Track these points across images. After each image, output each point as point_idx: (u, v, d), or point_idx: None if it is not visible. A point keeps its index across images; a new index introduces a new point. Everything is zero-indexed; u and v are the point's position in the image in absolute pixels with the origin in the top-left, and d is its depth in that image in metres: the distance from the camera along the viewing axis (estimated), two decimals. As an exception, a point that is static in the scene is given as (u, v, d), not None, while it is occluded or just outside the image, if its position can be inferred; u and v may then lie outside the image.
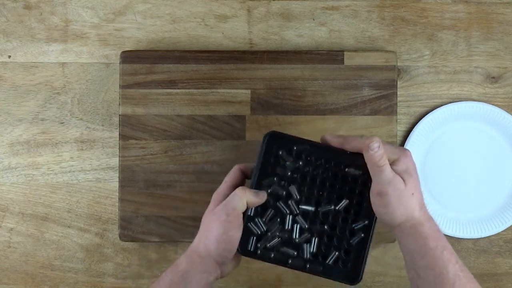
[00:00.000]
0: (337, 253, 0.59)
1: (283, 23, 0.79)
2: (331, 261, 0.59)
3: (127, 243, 0.77)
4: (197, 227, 0.74)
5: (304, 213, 0.59)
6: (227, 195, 0.58)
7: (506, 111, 0.77)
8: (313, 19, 0.79)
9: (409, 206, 0.56)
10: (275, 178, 0.60)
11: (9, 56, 0.78)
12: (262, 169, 0.60)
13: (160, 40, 0.79)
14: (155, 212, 0.75)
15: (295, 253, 0.59)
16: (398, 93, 0.76)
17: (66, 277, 0.78)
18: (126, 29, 0.79)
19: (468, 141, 0.78)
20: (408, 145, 0.76)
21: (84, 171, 0.78)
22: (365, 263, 0.59)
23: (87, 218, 0.78)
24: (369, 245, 0.59)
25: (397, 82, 0.76)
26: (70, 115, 0.78)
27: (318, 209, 0.59)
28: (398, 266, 0.77)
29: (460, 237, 0.77)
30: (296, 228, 0.59)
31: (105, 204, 0.78)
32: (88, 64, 0.79)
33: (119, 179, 0.75)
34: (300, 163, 0.60)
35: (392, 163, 0.56)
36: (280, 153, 0.60)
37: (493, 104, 0.77)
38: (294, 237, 0.59)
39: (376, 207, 0.57)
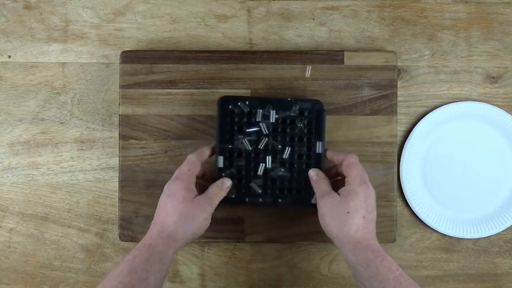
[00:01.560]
0: (295, 183, 0.70)
1: (283, 23, 0.79)
2: (294, 192, 0.70)
3: (127, 243, 0.77)
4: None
5: (267, 154, 0.70)
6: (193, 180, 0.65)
7: (506, 111, 0.77)
8: (313, 19, 0.79)
9: (345, 223, 0.61)
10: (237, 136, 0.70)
11: (9, 56, 0.79)
12: (222, 129, 0.69)
13: (160, 40, 0.79)
14: (155, 212, 0.75)
15: (261, 191, 0.70)
16: (398, 93, 0.76)
17: (66, 277, 0.78)
18: (126, 29, 0.79)
19: (468, 141, 0.78)
20: (408, 145, 0.76)
21: (84, 171, 0.78)
22: None
23: (87, 218, 0.78)
24: (323, 171, 0.70)
25: (397, 82, 0.76)
26: (70, 115, 0.78)
27: (277, 149, 0.70)
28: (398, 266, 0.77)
29: (460, 237, 0.77)
30: (261, 168, 0.70)
31: (105, 204, 0.78)
32: (88, 64, 0.79)
33: (119, 179, 0.75)
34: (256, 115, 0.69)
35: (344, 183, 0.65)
36: (235, 110, 0.69)
37: (493, 104, 0.77)
38: (260, 177, 0.70)
39: (319, 216, 0.63)
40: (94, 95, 0.78)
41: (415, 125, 0.77)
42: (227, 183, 0.67)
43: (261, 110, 0.69)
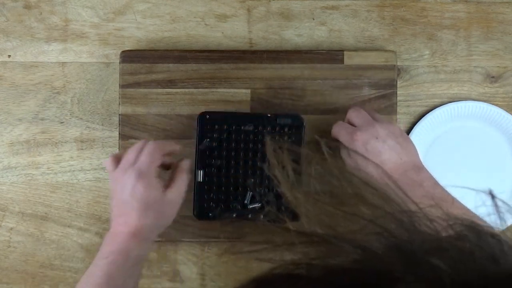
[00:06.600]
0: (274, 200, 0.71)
1: (283, 22, 0.79)
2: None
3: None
4: (197, 227, 0.75)
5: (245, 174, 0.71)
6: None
7: (506, 111, 0.77)
8: (313, 19, 0.79)
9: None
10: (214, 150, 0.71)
11: (9, 56, 0.78)
12: (200, 142, 0.71)
13: (160, 39, 0.79)
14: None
15: (239, 206, 0.71)
16: (398, 92, 0.76)
17: (66, 276, 0.78)
18: (126, 28, 0.79)
19: (468, 141, 0.78)
20: (408, 144, 0.77)
21: (84, 170, 0.78)
22: None
23: (87, 217, 0.78)
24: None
25: (397, 82, 0.76)
26: (70, 114, 0.78)
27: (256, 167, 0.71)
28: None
29: (460, 236, 0.77)
30: (248, 197, 0.71)
31: (105, 204, 0.78)
32: (88, 64, 0.79)
33: (119, 178, 0.75)
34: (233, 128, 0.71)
35: None
36: (215, 125, 0.71)
37: (493, 104, 0.77)
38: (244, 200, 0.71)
39: None
40: (94, 95, 0.78)
41: (415, 125, 0.77)
42: (187, 162, 0.64)
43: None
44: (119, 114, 0.75)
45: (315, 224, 0.35)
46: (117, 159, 0.62)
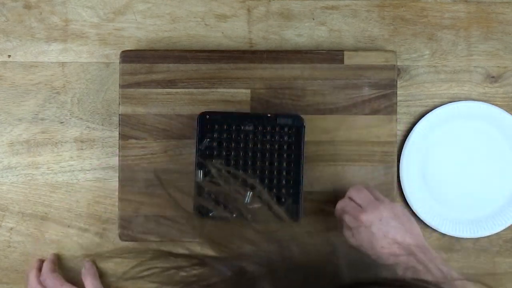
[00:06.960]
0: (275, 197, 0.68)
1: (283, 22, 0.79)
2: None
3: (127, 242, 0.77)
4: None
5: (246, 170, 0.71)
6: None
7: (506, 111, 0.77)
8: (313, 19, 0.79)
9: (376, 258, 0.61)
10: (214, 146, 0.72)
11: (9, 56, 0.79)
12: (200, 142, 0.71)
13: (160, 39, 0.79)
14: (155, 212, 0.75)
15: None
16: (398, 92, 0.76)
17: (66, 276, 0.77)
18: (126, 28, 0.79)
19: (468, 141, 0.78)
20: (408, 144, 0.76)
21: (84, 170, 0.78)
22: (301, 203, 0.72)
23: (87, 217, 0.78)
24: (302, 187, 0.71)
25: (397, 82, 0.76)
26: (70, 114, 0.78)
27: (255, 165, 0.72)
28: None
29: (460, 236, 0.77)
30: (248, 196, 0.68)
31: (104, 204, 0.78)
32: (88, 64, 0.79)
33: (119, 178, 0.75)
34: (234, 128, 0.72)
35: None
36: (215, 125, 0.71)
37: (493, 104, 0.77)
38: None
39: None
40: (94, 95, 0.78)
41: (415, 125, 0.77)
42: (87, 265, 0.74)
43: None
44: (119, 114, 0.75)
45: (207, 244, 0.38)
46: None
